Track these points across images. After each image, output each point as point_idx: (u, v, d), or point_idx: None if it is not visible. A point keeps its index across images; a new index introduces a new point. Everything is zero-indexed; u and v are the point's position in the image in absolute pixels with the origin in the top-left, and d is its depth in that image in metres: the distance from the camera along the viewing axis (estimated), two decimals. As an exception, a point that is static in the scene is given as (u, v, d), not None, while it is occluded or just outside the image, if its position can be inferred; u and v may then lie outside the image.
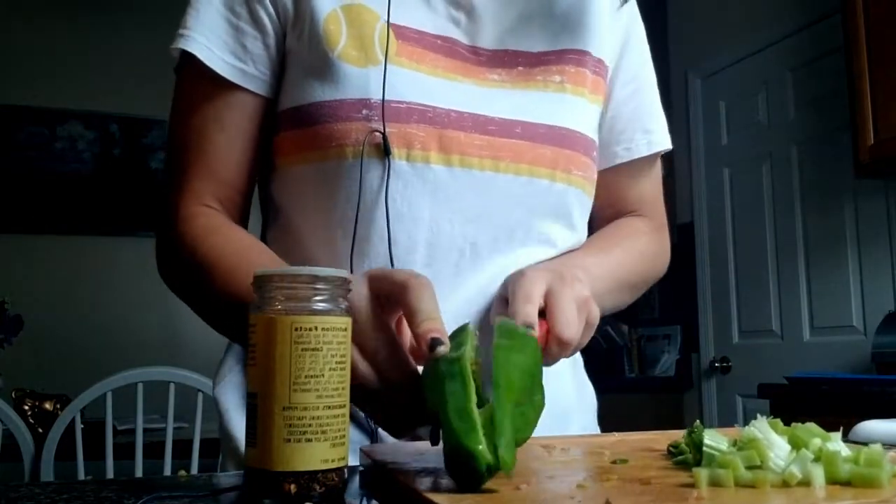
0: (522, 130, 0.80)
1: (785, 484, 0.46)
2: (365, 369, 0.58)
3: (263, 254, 0.75)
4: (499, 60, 0.83)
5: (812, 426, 0.53)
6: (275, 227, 0.84)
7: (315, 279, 0.50)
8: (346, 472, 0.51)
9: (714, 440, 0.51)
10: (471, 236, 0.77)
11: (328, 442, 0.49)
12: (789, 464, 0.47)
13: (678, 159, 3.78)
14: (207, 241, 0.75)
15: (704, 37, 3.68)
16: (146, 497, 0.51)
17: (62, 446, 2.25)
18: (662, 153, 0.97)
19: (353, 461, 0.65)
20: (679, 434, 0.61)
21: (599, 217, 0.94)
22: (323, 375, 0.49)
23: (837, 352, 2.92)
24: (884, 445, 0.50)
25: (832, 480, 0.47)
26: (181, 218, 0.78)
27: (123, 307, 3.86)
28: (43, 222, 3.83)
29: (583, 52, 0.86)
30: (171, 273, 0.80)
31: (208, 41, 0.78)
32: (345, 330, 0.51)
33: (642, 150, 0.93)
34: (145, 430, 2.31)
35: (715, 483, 0.46)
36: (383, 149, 0.74)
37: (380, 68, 0.75)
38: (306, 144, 0.76)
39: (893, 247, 2.78)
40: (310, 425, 0.48)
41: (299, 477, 0.48)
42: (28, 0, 3.89)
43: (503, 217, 0.78)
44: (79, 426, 2.24)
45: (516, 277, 0.71)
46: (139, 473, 2.24)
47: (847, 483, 0.46)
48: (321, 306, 0.50)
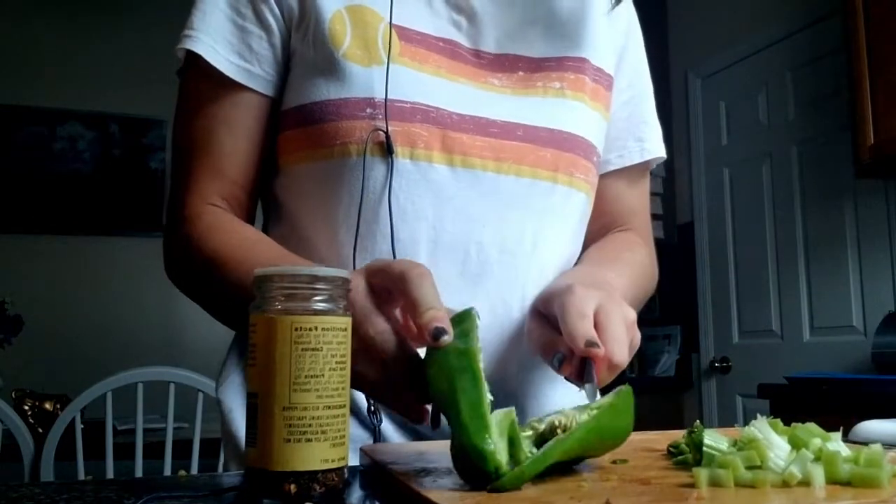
0: (524, 133, 0.80)
1: (785, 484, 0.46)
2: (366, 359, 0.58)
3: (272, 247, 0.75)
4: (500, 65, 0.83)
5: (812, 426, 0.53)
6: (278, 225, 0.84)
7: (315, 279, 0.50)
8: (347, 472, 0.51)
9: (714, 440, 0.51)
10: (476, 236, 0.77)
11: (328, 442, 0.49)
12: (789, 464, 0.47)
13: (678, 159, 3.78)
14: (214, 238, 0.75)
15: (704, 37, 3.68)
16: (146, 497, 0.51)
17: (62, 446, 2.25)
18: (654, 165, 0.97)
19: (354, 461, 0.65)
20: (679, 434, 0.61)
21: (588, 228, 0.91)
22: (323, 375, 0.49)
23: (837, 352, 2.92)
24: (884, 445, 0.50)
25: (832, 480, 0.47)
26: (187, 217, 0.78)
27: (123, 307, 3.86)
28: (43, 222, 3.83)
29: (582, 60, 0.86)
30: (179, 272, 0.80)
31: (214, 41, 0.78)
32: (345, 330, 0.51)
33: (634, 158, 0.93)
34: (145, 430, 2.31)
35: (715, 483, 0.46)
36: (386, 147, 0.74)
37: (383, 68, 0.76)
38: (311, 142, 0.76)
39: (893, 247, 2.78)
40: (310, 425, 0.48)
41: (299, 477, 0.48)
42: (28, 0, 3.89)
43: (507, 218, 0.78)
44: (79, 426, 2.24)
45: (564, 293, 0.67)
46: (139, 473, 2.24)
47: (847, 483, 0.46)
48: (321, 306, 0.50)
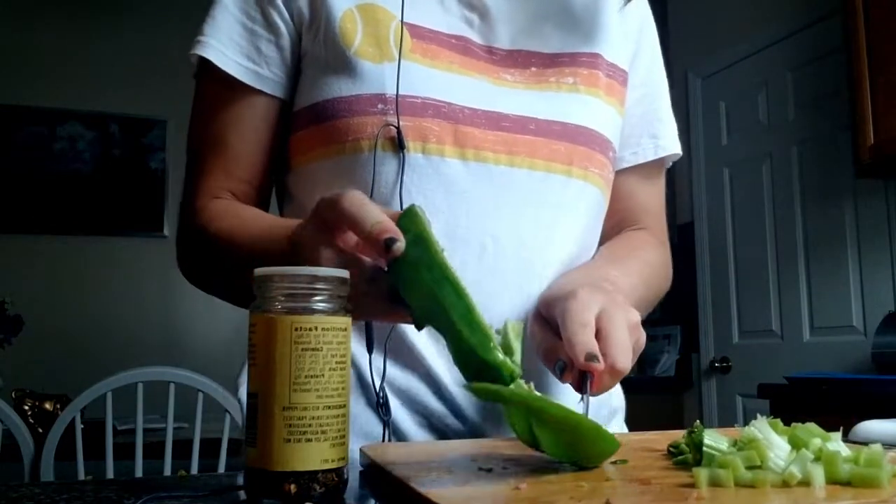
0: (537, 127, 0.80)
1: (785, 484, 0.46)
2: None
3: (267, 216, 0.77)
4: (512, 61, 0.83)
5: (812, 426, 0.53)
6: (290, 215, 0.85)
7: (315, 279, 0.50)
8: (347, 472, 0.51)
9: (714, 440, 0.51)
10: (491, 230, 0.77)
11: (328, 442, 0.49)
12: (789, 464, 0.47)
13: (678, 159, 3.78)
14: (223, 220, 0.77)
15: (704, 37, 3.68)
16: (146, 497, 0.51)
17: (62, 446, 2.25)
18: (670, 163, 0.96)
19: (358, 444, 0.64)
20: (679, 434, 0.61)
21: (603, 226, 0.91)
22: (323, 375, 0.49)
23: (837, 352, 2.92)
24: (884, 445, 0.50)
25: (832, 480, 0.47)
26: (197, 210, 0.80)
27: (123, 307, 3.86)
28: (43, 222, 3.83)
29: (595, 55, 0.86)
30: (192, 261, 0.82)
31: (223, 45, 0.79)
32: (345, 330, 0.51)
33: (648, 155, 0.93)
34: (145, 430, 2.31)
35: (715, 483, 0.46)
36: (398, 142, 0.75)
37: (394, 64, 0.76)
38: (323, 140, 0.77)
39: (893, 247, 2.78)
40: (310, 425, 0.48)
41: (299, 477, 0.48)
42: (28, 0, 3.89)
43: (521, 212, 0.78)
44: (79, 426, 2.24)
45: (567, 298, 0.66)
46: (139, 473, 2.24)
47: (847, 483, 0.46)
48: (321, 306, 0.50)
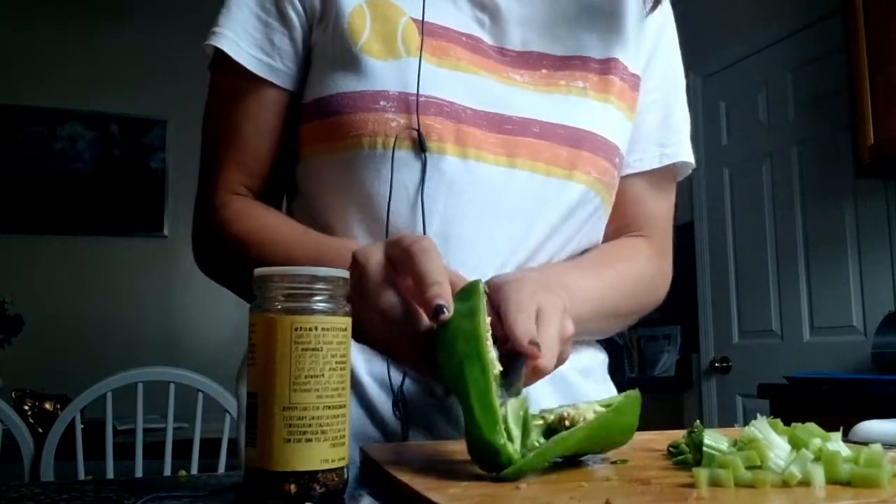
0: (540, 130, 0.80)
1: (785, 484, 0.46)
2: (379, 329, 0.60)
3: (295, 228, 0.79)
4: (523, 62, 0.83)
5: (812, 426, 0.53)
6: (299, 215, 0.86)
7: (315, 279, 0.50)
8: (347, 472, 0.51)
9: (714, 440, 0.51)
10: (487, 231, 0.77)
11: (328, 442, 0.49)
12: (789, 464, 0.47)
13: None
14: (242, 222, 0.79)
15: (704, 37, 3.67)
16: (146, 497, 0.51)
17: (62, 446, 2.24)
18: (682, 174, 0.93)
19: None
20: (679, 434, 0.61)
21: (605, 229, 0.89)
22: (323, 375, 0.49)
23: (837, 352, 2.92)
24: (884, 445, 0.50)
25: (832, 480, 0.47)
26: (216, 207, 0.81)
27: (123, 307, 3.86)
28: (43, 222, 3.83)
29: (609, 59, 0.85)
30: (210, 258, 0.84)
31: (238, 38, 0.80)
32: (345, 330, 0.51)
33: (653, 163, 0.90)
34: (145, 430, 2.31)
35: (715, 483, 0.46)
36: (418, 142, 0.75)
37: (400, 62, 0.77)
38: (327, 135, 0.78)
39: (893, 247, 2.78)
40: (310, 425, 0.48)
41: (299, 477, 0.48)
42: (28, 0, 3.89)
43: (519, 215, 0.78)
44: (79, 426, 2.24)
45: (511, 285, 0.64)
46: (139, 473, 2.24)
47: (847, 483, 0.46)
48: (321, 306, 0.50)
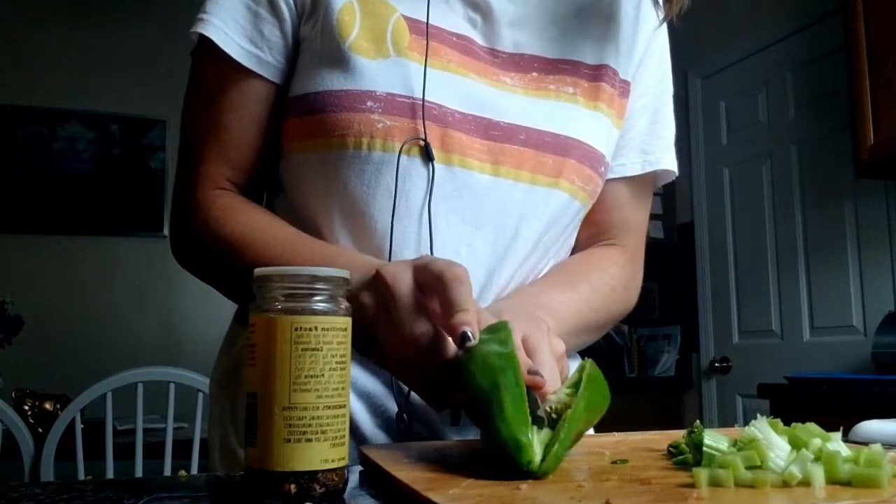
0: (526, 137, 0.79)
1: (785, 484, 0.46)
2: (405, 354, 0.61)
3: (285, 228, 0.77)
4: (514, 64, 0.82)
5: (812, 426, 0.53)
6: (278, 204, 0.84)
7: (315, 279, 0.50)
8: (347, 472, 0.51)
9: (714, 440, 0.51)
10: (467, 238, 0.77)
11: (328, 442, 0.49)
12: (789, 464, 0.47)
13: (678, 159, 3.78)
14: (230, 222, 0.76)
15: (704, 37, 3.67)
16: (146, 497, 0.51)
17: (62, 446, 2.25)
18: (662, 182, 0.94)
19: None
20: (679, 434, 0.61)
21: (578, 235, 0.89)
22: (323, 375, 0.49)
23: (837, 352, 2.92)
24: (884, 445, 0.50)
25: (832, 480, 0.47)
26: (199, 202, 0.78)
27: (123, 307, 3.86)
28: (43, 222, 3.83)
29: (601, 66, 0.85)
30: (192, 255, 0.81)
31: (226, 26, 0.78)
32: (345, 330, 0.51)
33: (635, 169, 0.90)
34: (145, 430, 2.31)
35: (715, 483, 0.46)
36: (424, 149, 0.74)
37: (389, 61, 0.75)
38: (311, 132, 0.76)
39: (893, 247, 2.78)
40: (310, 425, 0.48)
41: (299, 477, 0.48)
42: (28, 0, 3.89)
43: (500, 222, 0.78)
44: (79, 426, 2.24)
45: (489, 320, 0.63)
46: (139, 473, 2.24)
47: (847, 483, 0.46)
48: (321, 306, 0.50)
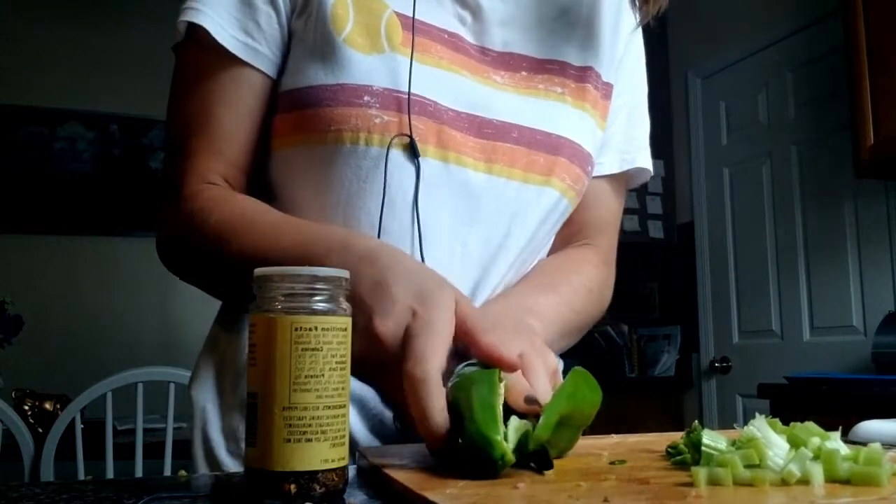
0: (519, 135, 0.79)
1: (784, 482, 0.46)
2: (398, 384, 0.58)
3: (273, 213, 0.74)
4: (503, 62, 0.82)
5: (811, 425, 0.53)
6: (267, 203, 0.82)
7: (315, 279, 0.50)
8: (347, 472, 0.51)
9: (713, 440, 0.51)
10: (461, 236, 0.77)
11: (328, 442, 0.49)
12: (788, 462, 0.47)
13: (678, 159, 3.78)
14: (217, 211, 0.73)
15: (704, 37, 3.68)
16: (146, 497, 0.51)
17: (62, 446, 2.25)
18: (636, 182, 0.94)
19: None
20: (677, 436, 0.61)
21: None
22: (323, 375, 0.49)
23: (837, 352, 2.92)
24: (883, 445, 0.50)
25: (831, 479, 0.47)
26: (186, 197, 0.75)
27: (123, 307, 3.86)
28: (43, 222, 3.82)
29: (587, 69, 0.86)
30: (177, 250, 0.78)
31: (219, 16, 0.75)
32: (345, 330, 0.51)
33: (613, 168, 0.91)
34: (145, 430, 2.31)
35: (713, 482, 0.46)
36: (410, 144, 0.74)
37: (384, 56, 0.75)
38: (305, 127, 0.75)
39: (893, 247, 2.78)
40: (310, 425, 0.48)
41: (299, 477, 0.48)
42: (28, 0, 3.89)
43: (494, 221, 0.78)
44: (79, 426, 2.24)
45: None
46: (139, 473, 2.24)
47: (846, 481, 0.46)
48: (321, 306, 0.50)
